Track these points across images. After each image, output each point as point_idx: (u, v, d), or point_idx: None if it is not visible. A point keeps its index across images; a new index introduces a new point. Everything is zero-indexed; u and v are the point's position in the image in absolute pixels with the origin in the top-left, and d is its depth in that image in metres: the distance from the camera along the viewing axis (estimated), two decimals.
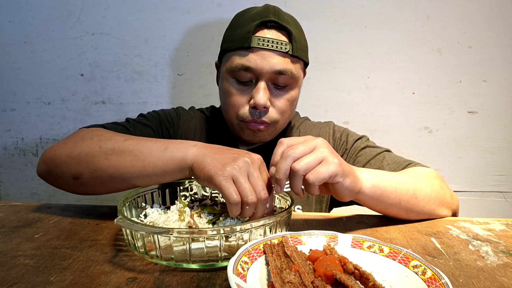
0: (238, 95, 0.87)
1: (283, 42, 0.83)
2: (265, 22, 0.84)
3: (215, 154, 0.63)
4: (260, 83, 0.84)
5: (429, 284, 0.45)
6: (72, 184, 0.72)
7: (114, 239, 0.64)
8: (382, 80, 1.32)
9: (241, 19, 0.89)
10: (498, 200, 1.38)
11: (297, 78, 0.87)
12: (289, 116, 0.92)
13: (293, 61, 0.85)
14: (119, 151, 0.69)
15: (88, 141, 0.73)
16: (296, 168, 0.58)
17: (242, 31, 0.85)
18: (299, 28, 0.90)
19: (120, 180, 0.69)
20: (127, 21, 1.31)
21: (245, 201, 0.58)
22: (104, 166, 0.69)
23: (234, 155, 0.61)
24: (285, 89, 0.87)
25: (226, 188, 0.58)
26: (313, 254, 0.49)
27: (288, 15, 0.90)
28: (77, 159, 0.71)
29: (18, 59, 1.34)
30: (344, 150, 0.95)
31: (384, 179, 0.70)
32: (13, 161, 1.41)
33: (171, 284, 0.50)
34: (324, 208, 0.96)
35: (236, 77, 0.86)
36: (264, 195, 0.59)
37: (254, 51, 0.83)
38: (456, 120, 1.34)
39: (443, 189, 0.79)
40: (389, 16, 1.29)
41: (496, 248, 0.64)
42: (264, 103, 0.84)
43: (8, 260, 0.56)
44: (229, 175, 0.59)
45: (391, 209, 0.72)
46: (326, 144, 0.62)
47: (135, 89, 1.35)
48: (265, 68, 0.83)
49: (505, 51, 1.30)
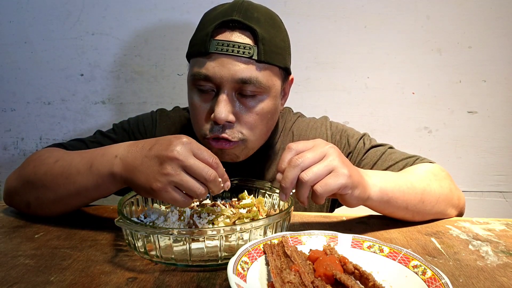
0: (200, 108, 0.76)
1: (246, 46, 0.72)
2: (227, 22, 0.73)
3: (140, 165, 0.58)
4: (221, 95, 0.73)
5: (429, 284, 0.45)
6: (27, 211, 0.74)
7: (114, 239, 0.64)
8: (382, 80, 1.32)
9: (205, 19, 0.79)
10: (498, 200, 1.38)
11: (267, 87, 0.75)
12: (264, 132, 0.80)
13: (260, 67, 0.73)
14: (51, 176, 0.68)
15: (28, 169, 0.73)
16: (304, 179, 0.56)
17: (202, 33, 0.75)
18: (275, 27, 0.77)
19: (62, 203, 0.69)
20: (127, 21, 1.31)
21: (195, 197, 0.57)
22: (43, 191, 0.69)
23: (158, 157, 0.56)
24: (254, 100, 0.75)
25: (172, 200, 0.56)
26: (313, 254, 0.49)
27: (263, 11, 0.78)
28: (22, 187, 0.72)
29: (18, 59, 1.34)
30: (348, 153, 0.90)
31: (392, 184, 0.69)
32: (13, 161, 1.41)
33: (171, 284, 0.50)
34: (325, 209, 0.95)
35: (197, 87, 0.76)
36: (210, 176, 0.56)
37: (213, 57, 0.72)
38: (456, 120, 1.34)
39: (452, 191, 0.77)
40: (389, 16, 1.29)
41: (496, 248, 0.64)
42: (225, 117, 0.72)
43: (8, 260, 0.56)
44: (166, 185, 0.55)
45: (398, 212, 0.72)
46: (337, 152, 0.60)
47: (135, 89, 1.35)
48: (225, 76, 0.72)
49: (505, 51, 1.30)
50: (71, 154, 0.70)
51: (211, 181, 0.56)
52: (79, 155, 0.69)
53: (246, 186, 0.75)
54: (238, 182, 0.75)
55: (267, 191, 0.74)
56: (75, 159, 0.68)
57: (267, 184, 0.75)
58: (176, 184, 0.55)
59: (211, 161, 0.58)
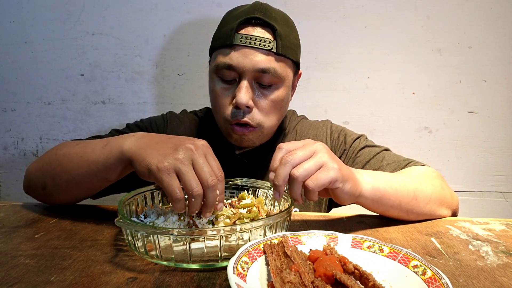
0: (222, 95, 0.84)
1: (266, 40, 0.80)
2: (250, 19, 0.81)
3: (155, 144, 0.60)
4: (242, 82, 0.81)
5: (429, 284, 0.45)
6: (42, 195, 0.77)
7: (114, 239, 0.64)
8: (382, 80, 1.32)
9: (228, 17, 0.87)
10: (498, 200, 1.38)
11: (282, 77, 0.83)
12: (277, 118, 0.88)
13: (278, 59, 0.82)
14: (69, 156, 0.71)
15: (50, 152, 0.78)
16: (295, 175, 0.58)
17: (226, 28, 0.83)
18: (289, 26, 0.86)
19: (74, 184, 0.72)
20: (127, 21, 1.31)
21: (190, 194, 0.56)
22: (59, 172, 0.72)
23: (175, 144, 0.58)
24: (270, 89, 0.83)
25: (168, 185, 0.55)
26: (313, 254, 0.49)
27: (279, 12, 0.87)
28: (41, 170, 0.76)
29: (18, 59, 1.34)
30: (343, 150, 0.93)
31: (384, 182, 0.70)
32: (13, 161, 1.41)
33: (171, 284, 0.50)
34: (323, 209, 0.96)
35: (220, 76, 0.84)
36: (212, 182, 0.56)
37: (237, 49, 0.80)
38: (456, 120, 1.34)
39: (444, 189, 0.79)
40: (389, 16, 1.29)
41: (496, 248, 0.64)
42: (246, 102, 0.80)
43: (8, 260, 0.56)
44: (171, 168, 0.55)
45: (391, 211, 0.72)
46: (325, 148, 0.62)
47: (135, 89, 1.35)
48: (247, 66, 0.80)
49: (505, 51, 1.30)
50: (95, 140, 0.73)
51: (210, 187, 0.56)
52: (101, 139, 0.71)
53: (246, 186, 0.76)
54: (238, 182, 0.76)
55: (267, 191, 0.74)
56: (95, 141, 0.71)
57: (267, 184, 0.75)
58: (180, 172, 0.55)
59: (217, 172, 0.59)
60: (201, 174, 0.56)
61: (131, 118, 1.34)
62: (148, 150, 0.59)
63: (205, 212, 0.59)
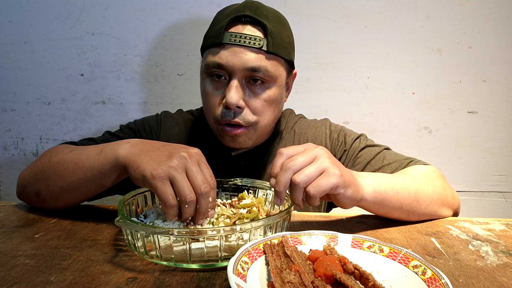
0: (212, 95, 0.83)
1: (257, 38, 0.79)
2: (239, 17, 0.80)
3: (149, 151, 0.60)
4: (232, 81, 0.79)
5: (429, 284, 0.45)
6: (36, 201, 0.77)
7: (114, 239, 0.64)
8: (382, 80, 1.32)
9: (219, 15, 0.86)
10: (498, 200, 1.38)
11: (274, 76, 0.81)
12: (270, 119, 0.86)
13: (269, 57, 0.80)
14: (63, 162, 0.71)
15: (43, 159, 0.77)
16: (296, 181, 0.57)
17: (216, 27, 0.82)
18: (281, 24, 0.84)
19: (69, 190, 0.71)
20: (127, 21, 1.31)
21: (183, 200, 0.56)
22: (54, 179, 0.72)
23: (170, 152, 0.59)
24: (262, 88, 0.81)
25: (162, 192, 0.56)
26: (313, 254, 0.49)
27: (271, 10, 0.85)
28: (35, 177, 0.76)
29: (18, 59, 1.34)
30: (343, 151, 0.92)
31: (385, 184, 0.69)
32: (13, 161, 1.41)
33: (171, 284, 0.50)
34: (323, 210, 0.95)
35: (210, 76, 0.83)
36: (205, 189, 0.57)
37: (226, 47, 0.79)
38: (456, 120, 1.34)
39: (445, 189, 0.78)
40: (389, 16, 1.29)
41: (496, 248, 0.64)
42: (236, 102, 0.78)
43: (8, 260, 0.56)
44: (165, 175, 0.57)
45: (392, 212, 0.72)
46: (327, 153, 0.61)
47: (135, 89, 1.35)
48: (236, 64, 0.78)
49: (505, 51, 1.30)
50: (89, 146, 0.73)
51: (203, 194, 0.57)
52: (95, 145, 0.71)
53: (246, 186, 0.76)
54: (238, 182, 0.76)
55: (267, 191, 0.74)
56: (89, 148, 0.71)
57: (267, 184, 0.75)
58: (173, 179, 0.57)
59: (210, 180, 0.60)
60: (194, 182, 0.57)
61: (131, 118, 1.33)
62: (142, 157, 0.60)
63: (198, 219, 0.60)
